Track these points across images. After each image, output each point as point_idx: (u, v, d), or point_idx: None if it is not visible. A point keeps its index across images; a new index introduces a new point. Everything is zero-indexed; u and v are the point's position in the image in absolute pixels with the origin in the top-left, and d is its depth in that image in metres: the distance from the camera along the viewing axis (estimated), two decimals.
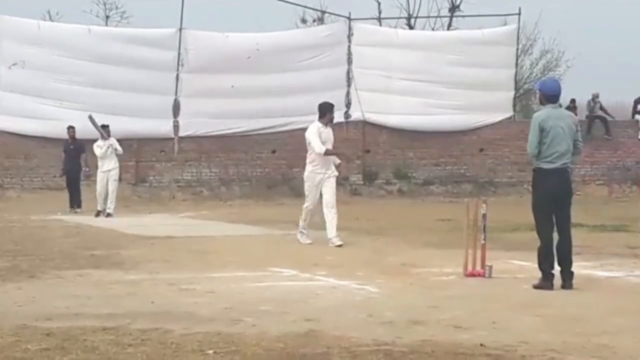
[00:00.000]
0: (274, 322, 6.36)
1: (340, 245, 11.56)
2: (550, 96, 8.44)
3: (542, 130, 8.17)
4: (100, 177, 18.15)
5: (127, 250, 11.19)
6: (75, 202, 19.30)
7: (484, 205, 9.17)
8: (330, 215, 11.91)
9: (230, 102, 23.62)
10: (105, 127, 18.40)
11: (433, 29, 33.60)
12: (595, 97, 25.79)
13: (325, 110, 12.25)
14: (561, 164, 8.25)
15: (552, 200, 8.23)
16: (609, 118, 25.75)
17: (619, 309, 7.15)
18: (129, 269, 9.50)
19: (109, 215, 17.65)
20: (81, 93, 23.00)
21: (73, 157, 19.74)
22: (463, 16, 32.90)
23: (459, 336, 5.93)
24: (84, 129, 19.61)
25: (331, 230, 11.85)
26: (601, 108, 25.74)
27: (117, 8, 36.00)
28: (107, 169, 18.07)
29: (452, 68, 24.61)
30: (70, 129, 19.93)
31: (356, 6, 26.67)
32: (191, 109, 23.82)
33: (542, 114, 8.32)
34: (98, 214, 17.78)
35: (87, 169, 19.76)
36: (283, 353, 5.41)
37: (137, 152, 23.04)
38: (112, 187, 17.97)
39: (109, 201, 17.90)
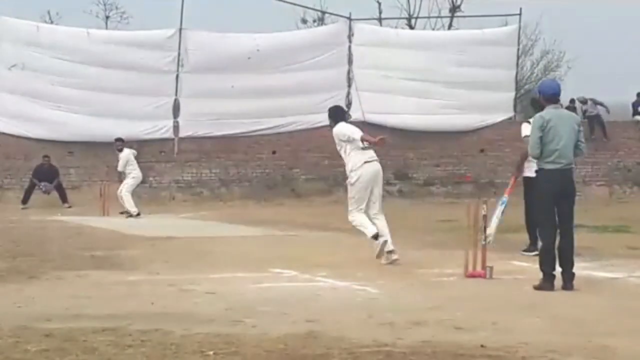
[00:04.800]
0: (274, 323, 6.35)
1: None
2: (550, 95, 8.41)
3: (543, 130, 8.16)
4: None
5: (127, 251, 11.18)
6: (63, 198, 21.10)
7: (484, 206, 9.17)
8: None
9: (230, 102, 23.61)
10: (119, 140, 19.07)
11: (434, 29, 33.65)
12: (584, 101, 25.70)
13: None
14: (564, 165, 8.24)
15: (554, 201, 8.22)
16: (605, 110, 25.64)
17: (619, 310, 7.15)
18: (129, 269, 9.49)
19: (132, 215, 18.01)
20: (80, 95, 23.04)
21: (47, 175, 21.56)
22: (463, 16, 32.97)
23: (459, 337, 5.92)
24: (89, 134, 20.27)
25: None
26: (597, 103, 25.66)
27: (116, 8, 36.12)
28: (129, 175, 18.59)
29: (452, 68, 24.61)
30: (46, 157, 21.80)
31: (356, 6, 26.70)
32: (191, 109, 23.81)
33: (543, 114, 8.30)
34: (138, 214, 18.14)
35: (67, 205, 21.10)
36: (283, 354, 5.40)
37: (137, 153, 23.01)
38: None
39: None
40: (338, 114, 11.01)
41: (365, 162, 10.38)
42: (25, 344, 5.61)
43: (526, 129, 10.93)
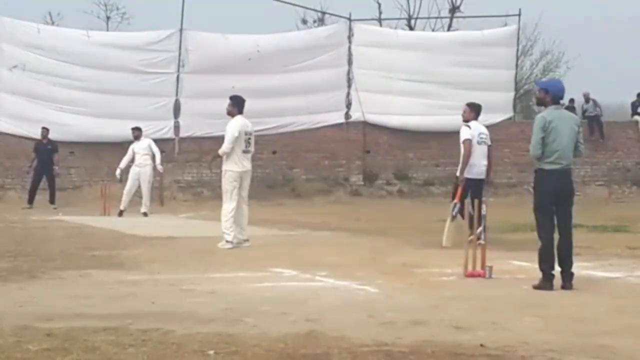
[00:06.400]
0: (275, 323, 6.36)
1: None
2: (558, 97, 8.47)
3: (545, 131, 8.19)
4: (133, 171, 18.21)
5: (128, 251, 11.20)
6: (52, 199, 20.56)
7: (484, 206, 9.20)
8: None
9: None
10: (137, 128, 18.59)
11: (433, 30, 33.69)
12: (587, 97, 25.71)
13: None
14: (563, 165, 8.26)
15: (553, 201, 8.24)
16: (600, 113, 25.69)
17: (618, 309, 7.17)
18: (130, 269, 9.51)
19: (145, 214, 17.81)
20: (81, 96, 23.08)
21: (47, 156, 20.76)
22: (463, 17, 33.01)
23: (459, 336, 5.94)
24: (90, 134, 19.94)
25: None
26: (597, 106, 25.67)
27: (117, 9, 36.19)
28: (141, 165, 18.11)
29: (452, 69, 24.63)
30: (44, 129, 21.04)
31: (356, 7, 26.74)
32: (192, 109, 23.85)
33: (546, 115, 8.31)
34: (121, 213, 17.81)
35: (57, 168, 20.90)
36: (283, 353, 5.42)
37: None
38: (146, 186, 18.11)
39: (145, 200, 18.05)
40: (242, 105, 12.07)
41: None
42: (26, 343, 5.62)
43: (465, 133, 12.16)
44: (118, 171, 18.38)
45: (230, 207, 11.72)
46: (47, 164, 20.79)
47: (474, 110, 12.56)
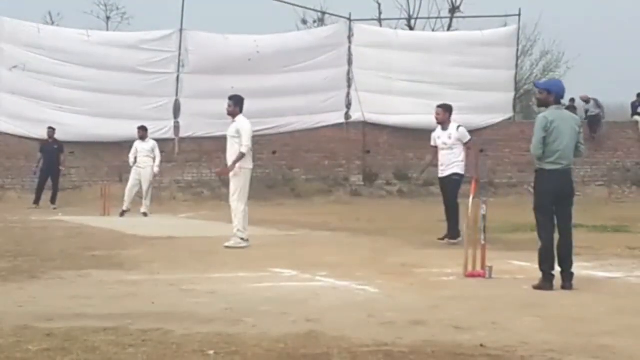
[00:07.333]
0: (275, 323, 6.36)
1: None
2: (560, 97, 8.48)
3: (546, 131, 8.18)
4: (134, 172, 18.26)
5: (128, 251, 11.20)
6: (53, 199, 20.49)
7: (484, 206, 9.19)
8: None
9: None
10: (142, 128, 18.57)
11: (433, 30, 33.69)
12: (587, 100, 25.66)
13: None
14: (564, 166, 8.26)
15: (553, 201, 8.24)
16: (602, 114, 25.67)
17: (618, 309, 7.17)
18: (130, 269, 9.51)
19: (145, 215, 17.83)
20: (81, 96, 23.09)
21: (53, 156, 20.79)
22: (463, 17, 33.01)
23: (459, 337, 5.94)
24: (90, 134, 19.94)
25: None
26: (599, 106, 25.63)
27: (117, 9, 36.21)
28: (143, 166, 18.15)
29: (452, 69, 24.63)
30: (51, 129, 21.05)
31: (356, 7, 26.76)
32: (192, 109, 23.86)
33: (547, 115, 8.30)
34: (123, 213, 17.80)
35: (63, 169, 21.10)
36: (283, 353, 5.41)
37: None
38: (147, 187, 18.16)
39: (145, 200, 18.08)
40: (243, 104, 12.07)
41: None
42: (26, 343, 5.62)
43: (467, 133, 13.07)
44: (132, 159, 18.38)
45: (243, 205, 11.83)
46: (53, 164, 20.82)
47: (447, 111, 12.81)
